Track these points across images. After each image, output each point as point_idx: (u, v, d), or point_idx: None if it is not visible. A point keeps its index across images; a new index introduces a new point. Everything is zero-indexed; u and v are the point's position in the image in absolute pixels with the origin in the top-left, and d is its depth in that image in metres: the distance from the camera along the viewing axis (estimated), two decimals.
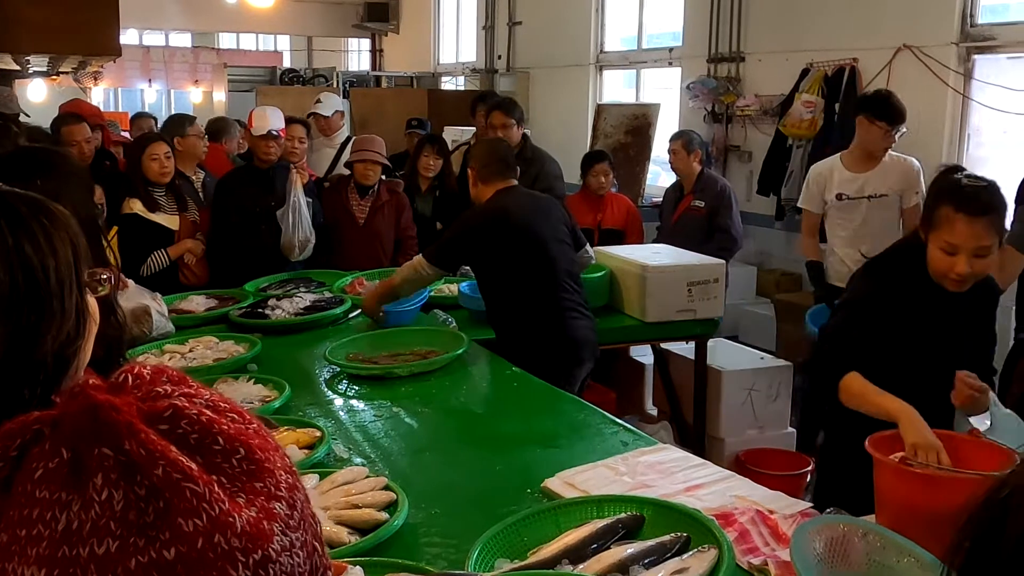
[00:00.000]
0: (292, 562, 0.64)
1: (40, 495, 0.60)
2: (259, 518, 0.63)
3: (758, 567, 1.92)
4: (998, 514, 0.62)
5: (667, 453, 2.58)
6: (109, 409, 0.61)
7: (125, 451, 0.60)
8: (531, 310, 3.90)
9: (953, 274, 2.46)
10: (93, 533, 0.58)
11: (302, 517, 0.67)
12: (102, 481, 0.59)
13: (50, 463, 0.60)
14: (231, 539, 0.60)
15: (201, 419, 0.64)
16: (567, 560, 1.88)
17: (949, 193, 2.46)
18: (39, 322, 1.13)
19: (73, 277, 1.17)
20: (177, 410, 0.64)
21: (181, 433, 0.63)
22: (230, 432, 0.65)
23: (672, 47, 9.28)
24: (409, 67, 14.00)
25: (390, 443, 2.75)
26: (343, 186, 5.48)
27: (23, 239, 1.13)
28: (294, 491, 0.67)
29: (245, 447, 0.65)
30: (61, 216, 1.19)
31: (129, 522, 0.59)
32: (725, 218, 5.82)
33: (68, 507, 0.59)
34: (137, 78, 15.40)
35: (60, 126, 5.47)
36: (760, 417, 4.80)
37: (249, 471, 0.65)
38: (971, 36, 6.35)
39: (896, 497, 2.09)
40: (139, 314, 3.75)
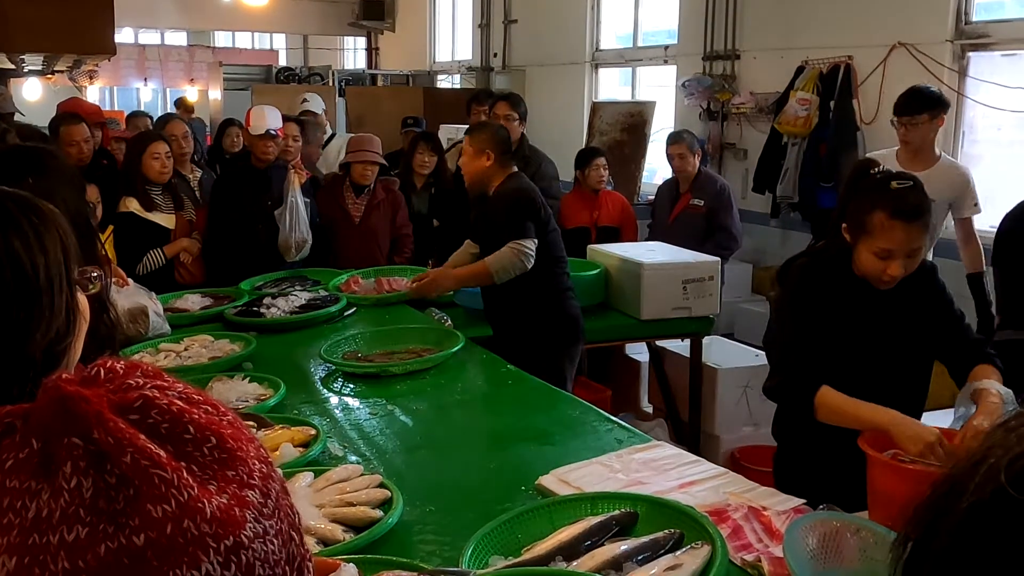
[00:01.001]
0: (266, 549, 0.64)
1: (10, 485, 0.60)
2: (230, 505, 0.63)
3: (751, 563, 1.92)
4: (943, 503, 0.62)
5: (661, 450, 2.58)
6: (79, 400, 0.61)
7: (94, 440, 0.60)
8: (542, 288, 4.08)
9: (886, 276, 2.43)
10: (63, 521, 0.59)
11: (277, 506, 0.67)
12: (71, 470, 0.60)
13: (20, 454, 0.61)
14: (201, 524, 0.61)
15: (172, 409, 0.65)
16: (561, 557, 1.88)
17: (882, 198, 2.40)
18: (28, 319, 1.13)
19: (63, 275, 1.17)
20: (147, 400, 0.64)
21: (151, 423, 0.63)
22: (201, 422, 0.65)
23: (667, 45, 9.29)
24: (405, 65, 14.00)
25: (385, 441, 2.75)
26: (338, 185, 5.48)
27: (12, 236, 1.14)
28: (268, 480, 0.68)
29: (216, 436, 0.65)
30: (51, 214, 1.19)
31: (99, 509, 0.59)
32: (725, 217, 5.83)
33: (38, 496, 0.60)
34: (132, 77, 15.39)
35: (59, 126, 5.46)
36: (755, 414, 4.80)
37: (220, 459, 0.65)
38: (966, 34, 6.36)
39: (889, 493, 2.10)
40: (136, 313, 3.75)
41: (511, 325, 4.09)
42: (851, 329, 2.53)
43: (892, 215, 2.37)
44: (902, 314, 2.57)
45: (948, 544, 0.59)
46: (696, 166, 5.95)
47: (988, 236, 6.32)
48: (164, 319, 3.86)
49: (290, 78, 12.90)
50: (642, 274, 4.49)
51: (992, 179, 6.50)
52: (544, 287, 4.07)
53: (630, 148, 8.79)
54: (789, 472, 2.65)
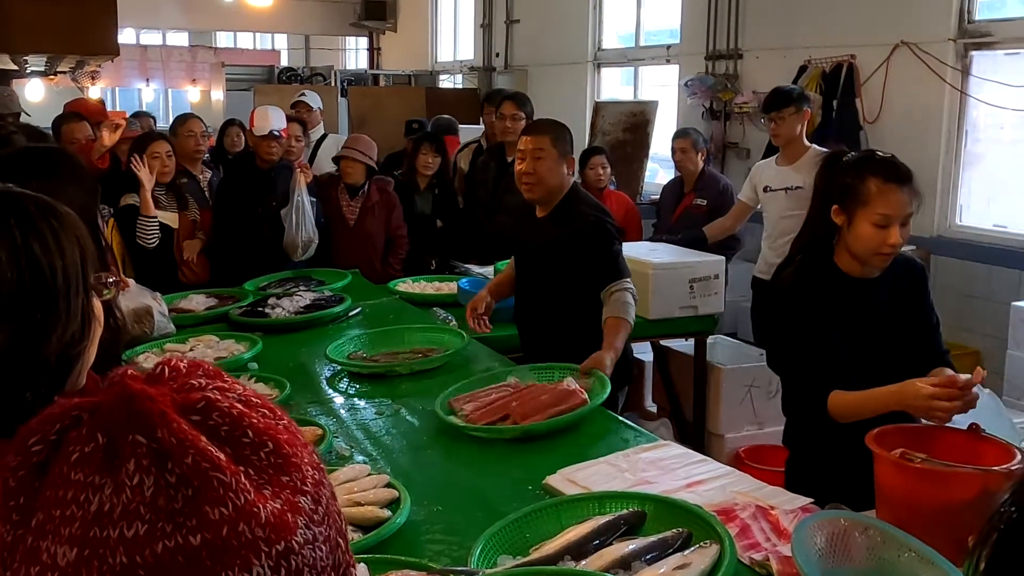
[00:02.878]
0: (315, 555, 0.65)
1: (75, 477, 0.62)
2: (283, 510, 0.64)
3: (760, 562, 1.92)
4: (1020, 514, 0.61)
5: (668, 450, 2.59)
6: (144, 398, 0.63)
7: (157, 439, 0.62)
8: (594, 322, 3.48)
9: (887, 247, 2.47)
10: (123, 516, 0.60)
11: (326, 512, 0.69)
12: (134, 467, 0.61)
13: (86, 447, 0.63)
14: (255, 529, 0.62)
15: (232, 412, 0.66)
16: (569, 556, 1.89)
17: (872, 166, 2.49)
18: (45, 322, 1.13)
19: (80, 279, 1.18)
20: (210, 402, 0.66)
21: (212, 425, 0.65)
22: (260, 426, 0.67)
23: (670, 44, 9.28)
24: (407, 65, 14.00)
25: (391, 441, 2.75)
26: (333, 187, 5.48)
27: (32, 239, 1.14)
28: (320, 487, 0.69)
29: (273, 441, 0.67)
30: (69, 218, 1.20)
31: (158, 507, 0.61)
32: None
33: (101, 490, 0.61)
34: (135, 77, 15.37)
35: (61, 124, 5.47)
36: (759, 413, 4.81)
37: (276, 464, 0.66)
38: (968, 32, 6.35)
39: (897, 492, 2.10)
40: (141, 314, 3.76)
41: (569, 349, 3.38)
42: (845, 326, 2.55)
43: (886, 179, 2.45)
44: (889, 308, 2.61)
45: None
46: (699, 165, 5.95)
47: (991, 235, 6.35)
48: (169, 319, 3.87)
49: (292, 78, 12.91)
50: (651, 274, 4.49)
51: (994, 178, 6.50)
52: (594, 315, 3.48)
53: (632, 148, 8.79)
54: (802, 477, 2.66)
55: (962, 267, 6.32)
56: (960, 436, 2.25)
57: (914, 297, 2.68)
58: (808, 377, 2.56)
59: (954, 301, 6.33)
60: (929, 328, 2.70)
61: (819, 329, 2.53)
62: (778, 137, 5.05)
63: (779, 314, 2.67)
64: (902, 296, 2.65)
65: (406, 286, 4.82)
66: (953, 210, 6.54)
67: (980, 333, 6.07)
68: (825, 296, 2.55)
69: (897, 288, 2.64)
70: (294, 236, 5.07)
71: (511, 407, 2.61)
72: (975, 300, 6.23)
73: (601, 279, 3.44)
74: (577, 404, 2.64)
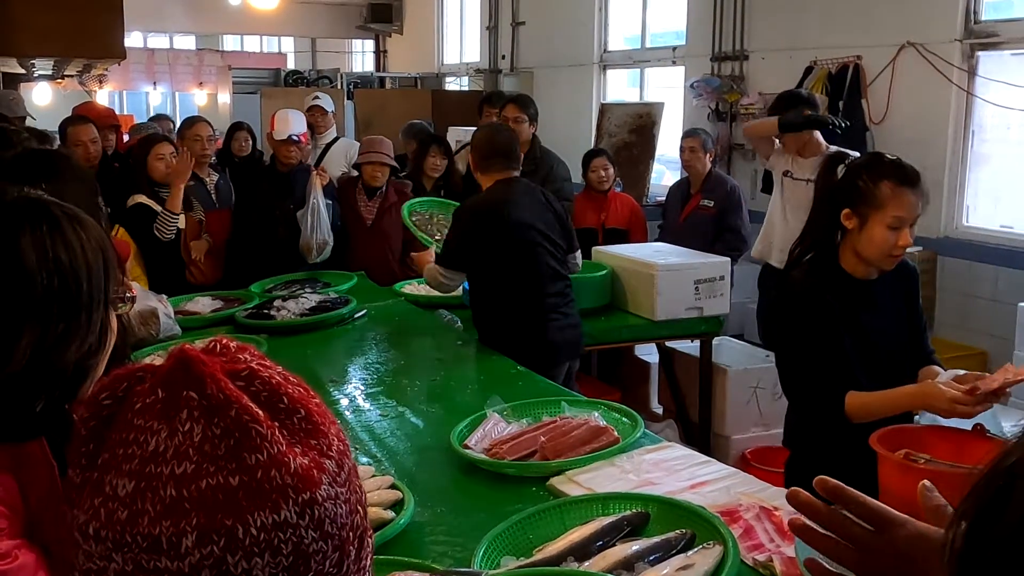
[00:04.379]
0: (336, 511, 0.74)
1: (137, 422, 0.71)
2: (310, 466, 0.73)
3: (763, 563, 1.92)
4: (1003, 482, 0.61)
5: (671, 451, 2.59)
6: (199, 362, 0.72)
7: (207, 395, 0.71)
8: (514, 309, 3.86)
9: (898, 248, 2.52)
10: (175, 456, 0.69)
11: (348, 479, 0.77)
12: (186, 416, 0.70)
13: (147, 399, 0.72)
14: (285, 476, 0.71)
15: (272, 381, 0.75)
16: (572, 557, 1.88)
17: (884, 170, 2.52)
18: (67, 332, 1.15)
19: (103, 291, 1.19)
20: (253, 371, 0.75)
21: (254, 390, 0.74)
22: (295, 395, 0.76)
23: (676, 46, 9.28)
24: (413, 68, 14.01)
25: (396, 442, 2.76)
26: (350, 187, 5.50)
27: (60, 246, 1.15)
28: (344, 456, 0.77)
29: (305, 409, 0.76)
30: (94, 229, 1.21)
31: (204, 452, 0.69)
32: (735, 218, 5.81)
33: (157, 434, 0.70)
34: (142, 81, 15.41)
35: (67, 126, 5.49)
36: (765, 415, 4.80)
37: (307, 429, 0.75)
38: (975, 33, 6.34)
39: (900, 493, 2.09)
40: (147, 316, 3.77)
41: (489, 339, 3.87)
42: (851, 327, 2.57)
43: (899, 183, 2.49)
44: (890, 308, 2.66)
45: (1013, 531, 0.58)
46: (707, 165, 5.94)
47: (998, 235, 6.33)
48: (174, 321, 3.88)
49: (298, 81, 12.93)
50: (656, 275, 4.49)
51: (1001, 178, 6.49)
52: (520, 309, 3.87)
53: (638, 149, 8.79)
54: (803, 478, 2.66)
55: (969, 268, 6.31)
56: (964, 437, 2.25)
57: (909, 298, 2.73)
58: (818, 377, 2.56)
59: (960, 302, 6.32)
60: (919, 328, 2.76)
61: (831, 330, 2.55)
62: (787, 146, 4.99)
63: (790, 315, 2.67)
64: (899, 297, 2.70)
65: (412, 288, 4.82)
66: (960, 211, 6.52)
67: (986, 334, 6.06)
68: (834, 297, 2.57)
69: (895, 289, 2.68)
70: (309, 238, 5.09)
71: (539, 442, 2.56)
72: (981, 301, 6.22)
73: None
74: (611, 442, 2.57)
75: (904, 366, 2.63)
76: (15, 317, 1.13)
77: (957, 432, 2.26)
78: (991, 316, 6.05)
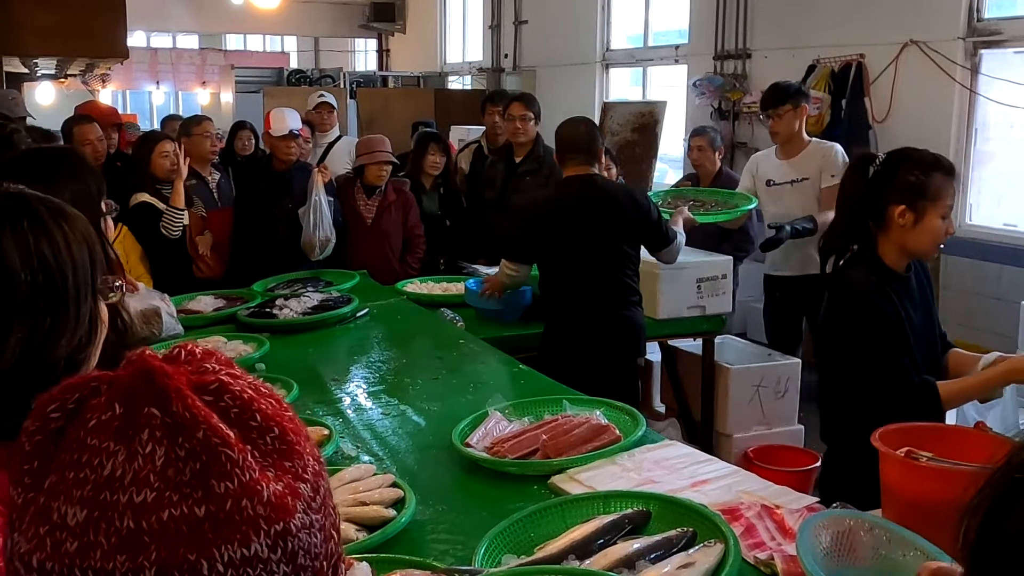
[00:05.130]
0: (310, 541, 0.68)
1: (91, 442, 0.64)
2: (284, 493, 0.67)
3: (764, 561, 1.92)
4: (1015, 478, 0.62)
5: (673, 449, 2.58)
6: (162, 374, 0.65)
7: (172, 413, 0.64)
8: (547, 305, 4.10)
9: (945, 236, 2.67)
10: (133, 483, 0.63)
11: (323, 503, 0.71)
12: (147, 437, 0.64)
13: (103, 415, 0.65)
14: (256, 506, 0.64)
15: (243, 396, 0.68)
16: (573, 555, 1.88)
17: (929, 163, 2.64)
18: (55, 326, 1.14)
19: (89, 283, 1.18)
20: (223, 384, 0.68)
21: (223, 406, 0.67)
22: (268, 412, 0.69)
23: (678, 44, 9.27)
24: (416, 67, 14.01)
25: (397, 441, 2.75)
26: (350, 186, 5.50)
27: (43, 242, 1.14)
28: (319, 478, 0.71)
29: (280, 428, 0.69)
30: (79, 221, 1.20)
31: (167, 477, 0.63)
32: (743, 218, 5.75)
33: (114, 456, 0.64)
34: (145, 80, 15.44)
35: (72, 126, 5.50)
36: (767, 413, 4.80)
37: (280, 450, 0.69)
38: (978, 31, 6.33)
39: (902, 491, 2.09)
40: (149, 315, 3.77)
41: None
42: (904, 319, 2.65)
43: (946, 173, 2.63)
44: (919, 299, 2.76)
45: None
46: (716, 164, 5.90)
47: (1002, 234, 6.32)
48: (177, 320, 3.87)
49: (301, 80, 12.92)
50: (658, 274, 4.48)
51: (1005, 177, 6.48)
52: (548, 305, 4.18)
53: (641, 148, 8.77)
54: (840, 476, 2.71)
55: (972, 266, 6.30)
56: (966, 435, 2.24)
57: (928, 288, 2.84)
58: (896, 371, 2.60)
59: (964, 300, 6.31)
60: (936, 316, 2.88)
61: (900, 324, 2.63)
62: (777, 135, 5.03)
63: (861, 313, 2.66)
64: (923, 287, 2.80)
65: (414, 287, 4.82)
66: (963, 209, 6.51)
67: (990, 332, 6.05)
68: (889, 289, 2.65)
69: (919, 280, 2.78)
70: (312, 236, 5.09)
71: (541, 440, 2.56)
72: (985, 299, 6.21)
73: None
74: (612, 440, 2.57)
75: (939, 353, 2.78)
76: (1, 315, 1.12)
77: (959, 430, 2.26)
78: (994, 314, 6.04)
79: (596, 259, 3.96)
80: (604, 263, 3.98)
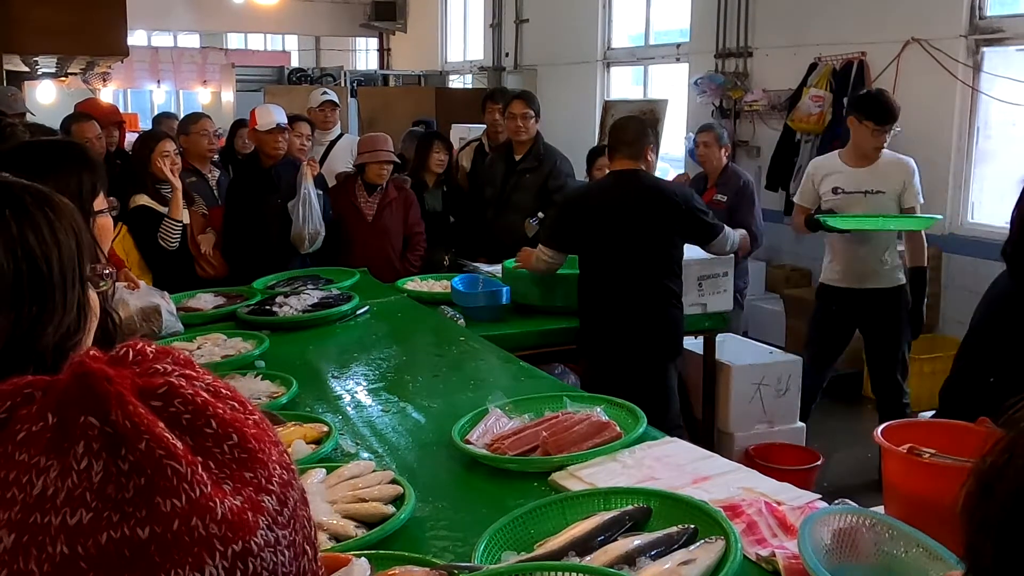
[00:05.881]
0: (276, 560, 0.61)
1: (20, 458, 0.58)
2: (243, 508, 0.60)
3: (766, 558, 1.91)
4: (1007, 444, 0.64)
5: (674, 446, 2.57)
6: (101, 378, 0.59)
7: (111, 422, 0.58)
8: (586, 298, 4.15)
9: None
10: (67, 502, 0.56)
11: (293, 516, 0.64)
12: (83, 450, 0.57)
13: (34, 426, 0.59)
14: (209, 525, 0.58)
15: (196, 400, 0.62)
16: (574, 552, 1.87)
17: None
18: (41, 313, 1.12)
19: (76, 270, 1.17)
20: (172, 388, 0.62)
21: (173, 412, 0.61)
22: (225, 417, 0.63)
23: (680, 43, 9.26)
24: (417, 66, 14.00)
25: (397, 438, 2.74)
26: (351, 184, 5.49)
27: (27, 229, 1.13)
28: (288, 488, 0.64)
29: (239, 434, 0.63)
30: (65, 208, 1.18)
31: (106, 495, 0.57)
32: (747, 214, 5.66)
33: (45, 473, 0.57)
34: (146, 79, 15.45)
35: (70, 124, 5.50)
36: (769, 412, 4.79)
37: (240, 459, 0.62)
38: (980, 29, 6.32)
39: (905, 487, 2.08)
40: (149, 312, 3.76)
41: None
42: None
43: None
44: None
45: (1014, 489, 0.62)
46: (723, 160, 5.86)
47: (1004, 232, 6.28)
48: (177, 318, 3.87)
49: (302, 79, 12.91)
50: None
51: (1007, 175, 6.45)
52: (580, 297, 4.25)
53: None
54: None
55: (974, 265, 6.28)
56: (970, 431, 2.23)
57: None
58: None
59: (966, 299, 6.27)
60: None
61: None
62: (878, 149, 4.76)
63: None
64: None
65: (414, 284, 4.81)
66: (965, 208, 6.50)
67: None
68: None
69: None
70: (301, 229, 5.09)
71: (541, 437, 2.55)
72: None
73: None
74: (613, 437, 2.55)
75: None
76: None
77: (962, 426, 2.24)
78: None
79: (641, 255, 3.99)
80: (648, 260, 4.00)
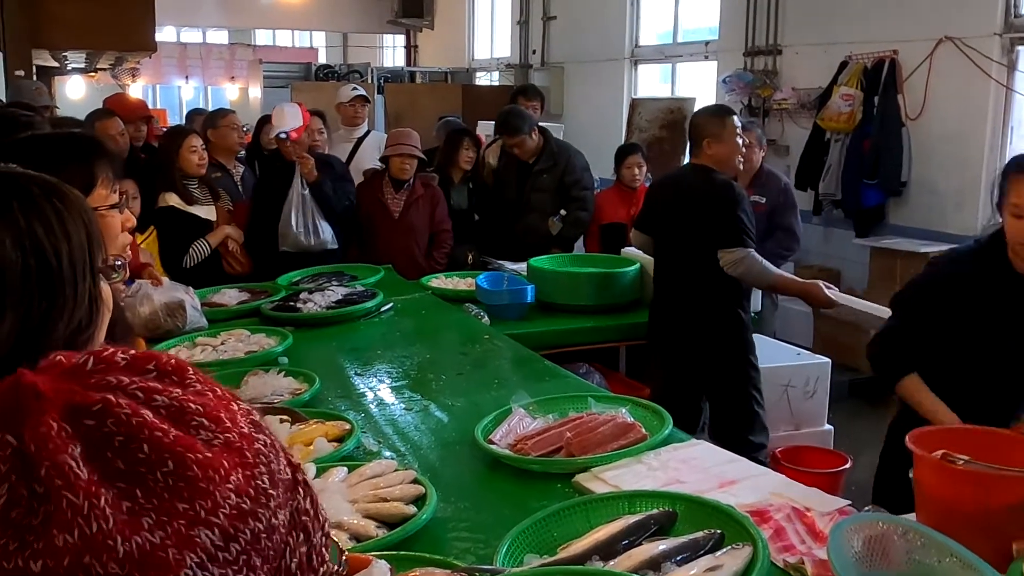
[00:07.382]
0: None
1: None
2: (162, 545, 0.54)
3: (794, 565, 1.87)
4: None
5: (700, 448, 2.53)
6: (30, 393, 0.55)
7: (24, 442, 0.54)
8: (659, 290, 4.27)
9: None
10: None
11: (248, 551, 0.57)
12: None
13: None
14: (108, 564, 0.52)
15: (131, 422, 0.56)
16: (597, 556, 1.84)
17: (1009, 163, 2.64)
18: (51, 308, 1.09)
19: (87, 262, 1.14)
20: (108, 406, 0.57)
21: (106, 433, 0.56)
22: (163, 441, 0.57)
23: (708, 40, 9.19)
24: (443, 63, 14.00)
25: (419, 437, 2.72)
26: (377, 180, 5.48)
27: (36, 222, 1.10)
28: (245, 520, 0.58)
29: (177, 460, 0.56)
30: (76, 199, 1.16)
31: (8, 520, 0.52)
32: (789, 217, 5.51)
33: None
34: (174, 75, 15.51)
35: (93, 120, 5.51)
36: (796, 414, 4.73)
37: (175, 488, 0.56)
38: (1014, 27, 6.22)
39: (938, 495, 2.03)
40: (173, 308, 3.77)
41: None
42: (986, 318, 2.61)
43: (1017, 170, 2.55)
44: None
45: None
46: (758, 161, 5.78)
47: None
48: (201, 313, 3.88)
49: (329, 76, 12.92)
50: None
51: None
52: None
53: (669, 145, 8.70)
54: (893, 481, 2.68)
55: None
56: (1004, 438, 2.18)
57: None
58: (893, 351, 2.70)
59: None
60: None
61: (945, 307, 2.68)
62: None
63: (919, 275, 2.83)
64: None
65: (439, 282, 4.79)
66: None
67: None
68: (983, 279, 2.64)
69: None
70: (286, 229, 5.09)
71: (565, 438, 2.52)
72: None
73: None
74: (638, 439, 2.50)
75: None
76: None
77: (998, 433, 2.19)
78: None
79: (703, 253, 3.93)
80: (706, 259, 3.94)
